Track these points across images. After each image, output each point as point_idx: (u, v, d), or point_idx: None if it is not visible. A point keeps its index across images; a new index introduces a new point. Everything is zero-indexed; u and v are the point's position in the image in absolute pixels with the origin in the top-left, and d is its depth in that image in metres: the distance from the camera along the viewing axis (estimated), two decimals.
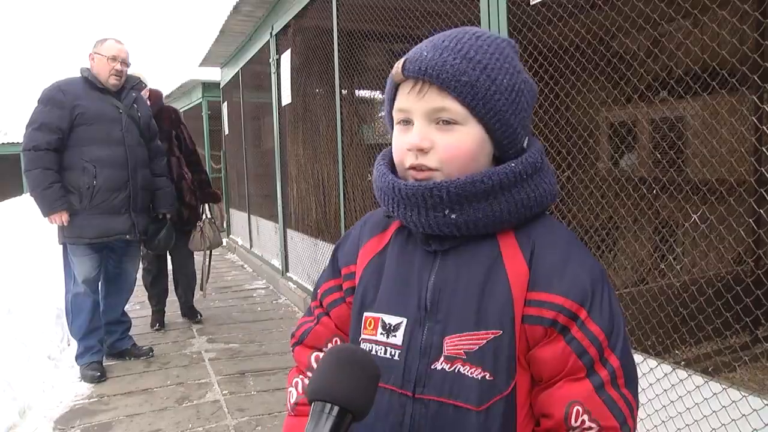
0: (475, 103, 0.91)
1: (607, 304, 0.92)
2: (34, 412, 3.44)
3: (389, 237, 1.06)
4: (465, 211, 0.92)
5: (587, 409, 0.88)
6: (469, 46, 0.93)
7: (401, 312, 0.98)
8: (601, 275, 0.95)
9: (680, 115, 4.27)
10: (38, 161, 3.60)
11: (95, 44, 3.90)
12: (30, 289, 5.08)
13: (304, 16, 5.45)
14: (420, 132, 0.93)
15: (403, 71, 0.94)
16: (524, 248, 0.95)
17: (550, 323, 0.91)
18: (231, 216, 10.32)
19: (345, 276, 1.09)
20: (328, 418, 0.74)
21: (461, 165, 0.93)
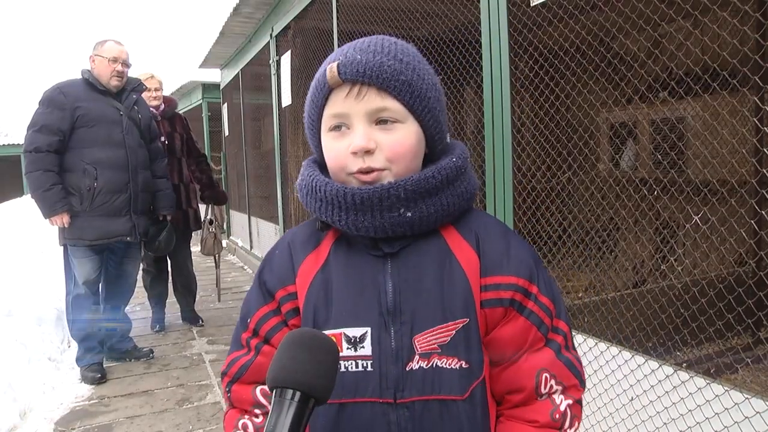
0: (413, 101, 0.95)
1: (546, 277, 1.02)
2: (34, 414, 3.45)
3: (327, 251, 1.03)
4: (419, 208, 0.95)
5: (553, 374, 0.96)
6: (395, 49, 0.97)
7: (363, 322, 0.96)
8: (535, 254, 1.04)
9: (681, 116, 4.26)
10: (39, 163, 3.60)
11: (95, 46, 3.90)
12: (30, 291, 5.07)
13: (304, 17, 5.45)
14: (364, 134, 0.94)
15: (339, 75, 0.94)
16: (469, 238, 1.01)
17: (509, 303, 0.97)
18: (231, 217, 10.32)
19: (282, 299, 1.03)
20: (290, 405, 0.73)
21: (406, 162, 0.96)
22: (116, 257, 4.08)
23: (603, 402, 2.30)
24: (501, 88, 2.59)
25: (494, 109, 2.63)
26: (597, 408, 2.33)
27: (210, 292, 6.59)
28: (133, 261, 4.22)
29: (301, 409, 0.74)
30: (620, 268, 4.38)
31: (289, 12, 5.63)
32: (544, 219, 3.18)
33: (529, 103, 3.34)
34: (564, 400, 0.97)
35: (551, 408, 0.96)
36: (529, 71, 3.01)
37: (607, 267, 4.39)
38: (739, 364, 3.11)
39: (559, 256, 3.88)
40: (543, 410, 0.97)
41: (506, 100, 2.57)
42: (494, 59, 2.62)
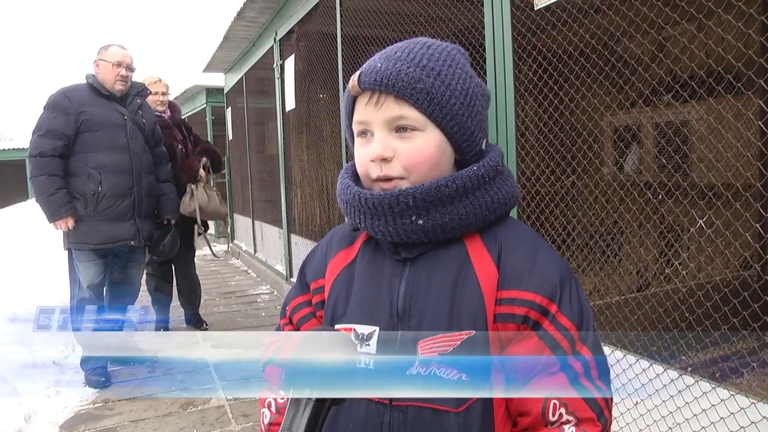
0: (431, 109, 0.94)
1: (576, 299, 0.95)
2: (39, 417, 3.45)
3: (357, 250, 1.07)
4: (432, 216, 0.94)
5: (564, 402, 0.90)
6: (421, 55, 0.96)
7: (373, 321, 0.98)
8: (568, 271, 0.97)
9: (685, 119, 4.26)
10: (44, 167, 3.62)
11: (99, 51, 3.91)
12: (35, 295, 5.08)
13: (307, 21, 5.46)
14: (381, 141, 0.95)
15: (359, 84, 0.96)
16: (491, 250, 0.98)
17: (522, 320, 0.93)
18: (235, 221, 10.33)
19: (314, 291, 1.09)
20: (307, 405, 0.74)
21: (425, 171, 0.95)
22: (120, 261, 4.09)
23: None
24: (505, 92, 2.59)
25: (498, 113, 2.63)
26: None
27: (214, 296, 6.59)
28: (137, 265, 4.23)
29: (318, 409, 0.74)
30: (624, 271, 4.37)
31: (293, 16, 5.64)
32: (548, 223, 3.17)
33: (532, 107, 3.34)
34: None
35: None
36: (532, 75, 3.01)
37: (611, 271, 4.38)
38: (745, 369, 3.09)
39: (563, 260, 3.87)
40: None
41: (510, 104, 2.57)
42: (498, 63, 2.62)
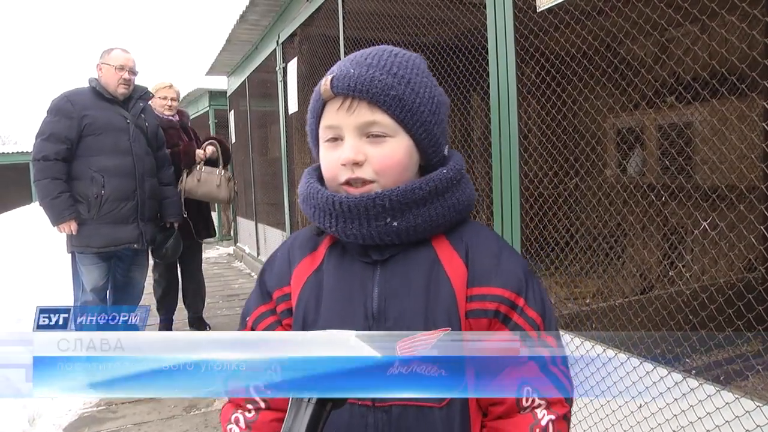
0: (403, 116, 0.97)
1: (538, 292, 1.02)
2: (43, 420, 3.45)
3: (322, 255, 1.08)
4: (406, 218, 0.98)
5: (535, 388, 0.93)
6: (391, 62, 0.99)
7: (348, 325, 0.96)
8: (529, 268, 1.05)
9: (689, 121, 4.25)
10: (47, 171, 3.62)
11: (102, 54, 3.92)
12: (39, 298, 5.09)
13: (310, 24, 5.46)
14: (353, 146, 0.97)
15: (332, 89, 0.97)
16: (459, 249, 1.03)
17: (493, 314, 0.99)
18: (238, 224, 10.34)
19: (278, 299, 1.08)
20: (308, 407, 0.74)
21: (395, 175, 0.99)
22: (124, 264, 4.09)
23: (611, 409, 2.29)
24: (508, 93, 2.59)
25: (501, 115, 2.62)
26: (605, 415, 2.31)
27: (217, 299, 6.60)
28: (141, 268, 4.23)
29: (319, 412, 0.74)
30: (628, 274, 4.36)
31: (296, 19, 5.65)
32: (552, 225, 3.16)
33: (535, 109, 3.34)
34: (546, 415, 0.97)
35: (532, 422, 0.97)
36: (535, 77, 3.00)
37: (614, 273, 4.37)
38: (750, 371, 3.08)
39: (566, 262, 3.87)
40: (523, 424, 0.97)
41: (513, 106, 2.57)
42: (501, 65, 2.62)
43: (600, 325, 3.10)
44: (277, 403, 1.05)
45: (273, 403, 1.05)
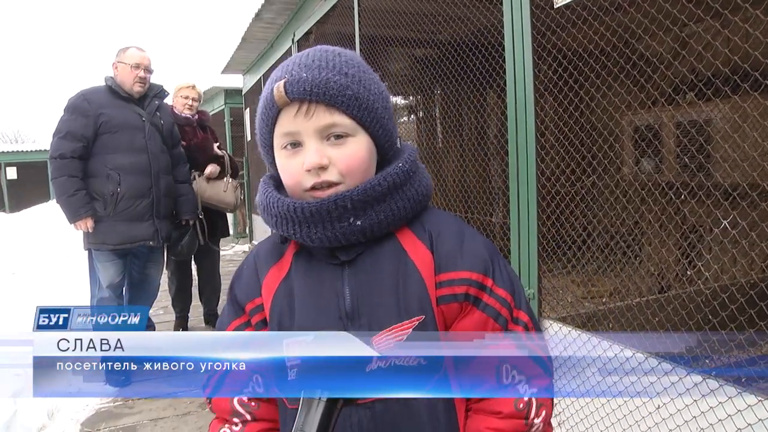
0: (361, 114, 0.98)
1: (505, 270, 1.04)
2: (62, 414, 3.49)
3: (289, 262, 1.08)
4: (368, 216, 0.98)
5: (514, 365, 0.95)
6: (339, 62, 1.00)
7: (322, 328, 0.99)
8: (492, 247, 1.06)
9: (708, 118, 4.19)
10: (64, 169, 3.65)
11: (118, 53, 3.94)
12: (57, 294, 5.14)
13: (325, 22, 5.46)
14: (317, 150, 0.97)
15: (287, 95, 0.96)
16: (422, 238, 1.04)
17: (463, 297, 1.00)
18: (253, 222, 10.38)
19: (251, 311, 1.08)
20: (319, 404, 0.74)
21: (360, 174, 0.99)
22: (139, 261, 4.11)
23: (629, 410, 2.26)
24: (525, 91, 2.57)
25: (518, 112, 2.60)
26: (623, 415, 2.29)
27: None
28: (156, 265, 4.25)
29: (330, 409, 0.74)
30: (645, 273, 4.31)
31: (311, 17, 5.65)
32: (568, 223, 3.14)
33: (552, 106, 3.31)
34: (528, 389, 0.97)
35: (515, 398, 0.98)
36: (552, 74, 2.98)
37: (632, 272, 4.33)
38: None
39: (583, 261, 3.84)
40: (506, 401, 0.98)
41: (530, 104, 2.55)
42: (517, 62, 2.60)
43: (617, 325, 3.06)
44: (262, 413, 1.05)
45: (259, 414, 1.05)
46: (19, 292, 5.76)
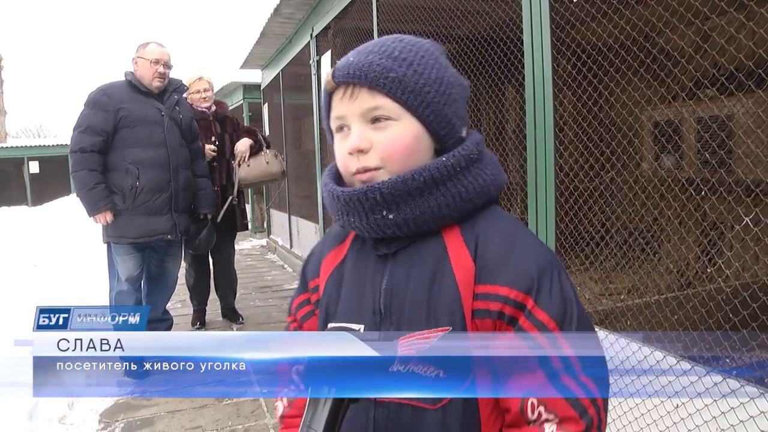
0: (405, 97, 0.94)
1: (557, 291, 0.91)
2: (81, 405, 3.54)
3: (347, 248, 1.07)
4: (402, 210, 0.94)
5: (542, 401, 0.87)
6: (393, 47, 0.97)
7: (359, 319, 0.98)
8: (549, 262, 0.94)
9: (730, 112, 4.13)
10: (84, 163, 3.69)
11: (138, 49, 3.97)
12: (77, 286, 5.20)
13: (344, 17, 5.46)
14: (357, 133, 0.95)
15: (333, 79, 0.97)
16: (469, 243, 0.96)
17: (497, 315, 0.91)
18: (271, 216, 10.42)
19: (312, 289, 1.10)
20: (326, 403, 0.74)
21: (402, 160, 0.95)
22: (158, 255, 4.15)
23: (647, 408, 2.24)
24: (543, 86, 2.55)
25: (536, 107, 2.58)
26: (640, 414, 2.27)
27: (250, 290, 6.66)
28: (174, 259, 4.28)
29: (337, 407, 0.75)
30: (665, 270, 4.27)
31: (329, 12, 5.65)
32: (587, 219, 3.11)
33: (571, 101, 3.28)
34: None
35: None
36: (571, 68, 2.95)
37: (650, 269, 4.28)
38: None
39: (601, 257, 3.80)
40: None
41: (548, 99, 2.52)
42: (536, 57, 2.58)
43: (635, 323, 3.04)
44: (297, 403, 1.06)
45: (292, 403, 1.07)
46: (41, 284, 5.84)
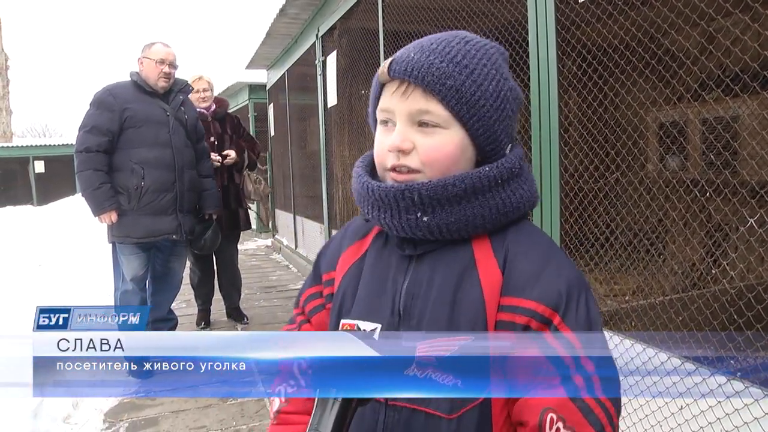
0: (459, 108, 0.92)
1: (584, 311, 0.91)
2: (85, 404, 3.55)
3: (369, 243, 1.05)
4: (437, 215, 0.92)
5: (561, 417, 0.86)
6: (457, 50, 0.93)
7: (377, 318, 0.97)
8: (578, 282, 0.94)
9: (735, 114, 4.12)
10: (89, 163, 3.70)
11: (143, 49, 3.98)
12: (82, 286, 5.22)
13: (349, 17, 5.46)
14: (402, 133, 0.94)
15: (389, 72, 0.94)
16: (498, 254, 0.95)
17: (522, 329, 0.90)
18: (276, 216, 10.43)
19: (325, 282, 1.08)
20: (334, 405, 0.74)
21: (442, 168, 0.93)
22: (163, 255, 4.16)
23: (651, 410, 2.24)
24: (548, 87, 2.55)
25: (541, 108, 2.58)
26: (644, 415, 2.26)
27: (255, 291, 6.67)
28: (179, 259, 4.30)
29: (345, 409, 0.74)
30: (669, 271, 4.26)
31: (335, 12, 5.65)
32: (591, 220, 3.10)
33: (576, 102, 3.28)
34: None
35: None
36: (576, 69, 2.94)
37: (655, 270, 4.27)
38: None
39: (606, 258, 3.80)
40: None
41: (554, 100, 2.52)
42: (541, 58, 2.58)
43: (639, 324, 3.03)
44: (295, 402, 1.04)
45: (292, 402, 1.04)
46: (45, 283, 5.86)
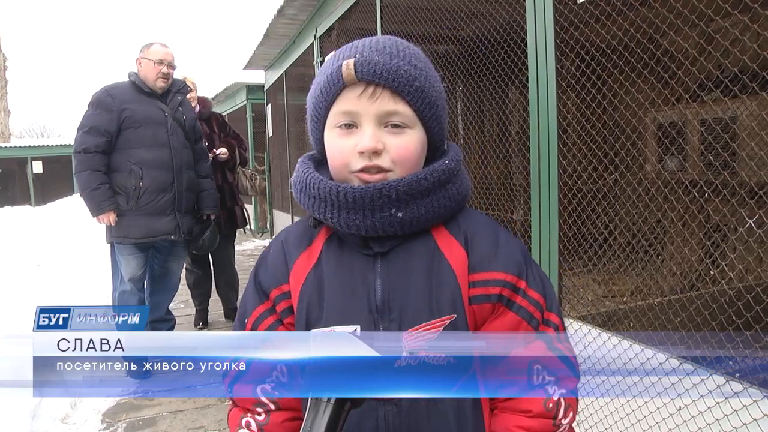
0: (422, 108, 0.98)
1: (537, 273, 1.04)
2: (84, 405, 3.55)
3: (319, 249, 1.05)
4: (410, 209, 0.97)
5: (545, 365, 0.93)
6: (409, 54, 1.00)
7: (352, 320, 0.97)
8: (525, 250, 1.07)
9: (734, 115, 4.12)
10: (87, 163, 3.70)
11: (141, 49, 3.98)
12: (80, 286, 5.21)
13: (348, 18, 5.46)
14: (373, 135, 0.96)
15: (356, 74, 0.96)
16: (458, 237, 1.04)
17: (496, 298, 1.00)
18: (274, 217, 10.43)
19: (277, 298, 1.05)
20: (326, 407, 0.74)
21: (410, 165, 0.99)
22: (161, 255, 4.15)
23: (649, 410, 2.24)
24: (547, 87, 2.54)
25: (540, 109, 2.58)
26: (643, 416, 2.26)
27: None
28: (178, 259, 4.29)
29: (337, 412, 0.74)
30: (668, 272, 4.26)
31: (333, 13, 5.65)
32: (590, 221, 3.11)
33: (575, 103, 3.28)
34: (557, 390, 0.95)
35: (544, 398, 0.97)
36: (575, 70, 2.95)
37: (654, 271, 4.28)
38: None
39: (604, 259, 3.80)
40: (536, 400, 0.98)
41: (552, 100, 2.52)
42: (540, 58, 2.57)
43: (638, 324, 3.03)
44: (287, 403, 1.02)
45: (283, 403, 1.02)
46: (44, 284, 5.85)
